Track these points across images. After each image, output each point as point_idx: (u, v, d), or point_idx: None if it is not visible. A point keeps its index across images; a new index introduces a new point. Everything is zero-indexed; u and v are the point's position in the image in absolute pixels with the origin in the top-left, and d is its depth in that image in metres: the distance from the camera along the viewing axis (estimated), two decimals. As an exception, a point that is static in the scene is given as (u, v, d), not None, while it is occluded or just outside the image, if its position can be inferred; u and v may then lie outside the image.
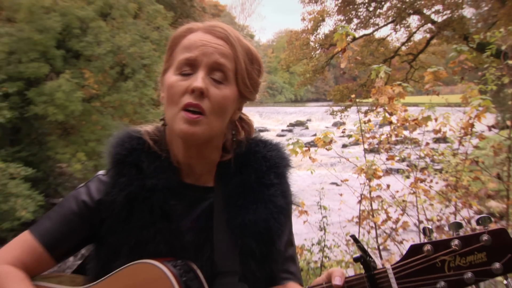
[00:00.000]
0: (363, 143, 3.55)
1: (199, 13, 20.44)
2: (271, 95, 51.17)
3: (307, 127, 27.34)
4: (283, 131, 25.41)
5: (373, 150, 3.62)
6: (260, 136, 1.11)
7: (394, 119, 3.39)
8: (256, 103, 1.12)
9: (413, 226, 3.38)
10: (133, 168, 0.97)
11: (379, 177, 3.30)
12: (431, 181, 3.41)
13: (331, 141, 3.41)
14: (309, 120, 30.36)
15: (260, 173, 1.02)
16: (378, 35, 17.49)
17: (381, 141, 3.51)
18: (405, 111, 3.30)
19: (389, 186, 3.45)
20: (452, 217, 3.17)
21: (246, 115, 1.11)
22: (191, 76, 0.94)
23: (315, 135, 4.86)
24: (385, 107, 3.30)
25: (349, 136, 4.04)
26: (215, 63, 0.94)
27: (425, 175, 3.42)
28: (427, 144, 3.54)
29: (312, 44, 17.10)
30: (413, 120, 3.23)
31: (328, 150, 3.46)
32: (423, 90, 3.49)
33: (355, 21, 16.28)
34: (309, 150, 3.44)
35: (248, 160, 1.04)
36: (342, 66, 3.41)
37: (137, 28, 11.64)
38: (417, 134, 3.47)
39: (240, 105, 1.05)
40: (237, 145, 1.06)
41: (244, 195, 0.99)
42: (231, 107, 0.98)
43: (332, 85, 33.50)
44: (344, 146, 9.85)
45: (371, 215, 3.43)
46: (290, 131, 25.30)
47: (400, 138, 3.52)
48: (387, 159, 3.50)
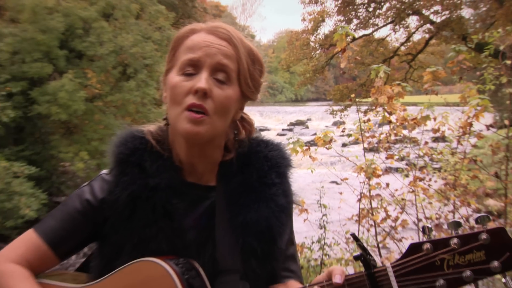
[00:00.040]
0: (362, 142, 3.56)
1: (201, 13, 20.45)
2: (271, 95, 51.03)
3: (307, 127, 27.26)
4: (283, 130, 25.32)
5: (372, 149, 3.63)
6: (261, 136, 1.12)
7: (393, 118, 3.39)
8: (257, 102, 1.12)
9: (412, 224, 3.39)
10: (136, 167, 0.97)
11: (379, 176, 3.31)
12: (430, 179, 3.42)
13: (331, 140, 3.41)
14: (309, 119, 30.27)
15: (261, 172, 1.02)
16: (377, 35, 17.55)
17: (380, 140, 3.52)
18: (404, 110, 3.30)
19: (388, 185, 3.46)
20: (451, 215, 3.17)
21: (247, 115, 1.11)
22: (194, 76, 0.94)
23: (315, 134, 4.87)
24: (385, 107, 3.31)
25: (349, 135, 4.05)
26: (218, 64, 0.95)
27: (424, 173, 3.43)
28: (426, 143, 3.55)
29: (312, 44, 17.12)
30: (412, 120, 3.24)
31: (328, 149, 3.46)
32: (422, 90, 3.50)
33: (355, 21, 16.31)
34: (309, 149, 3.45)
35: (250, 160, 1.04)
36: (342, 66, 3.43)
37: (139, 29, 11.64)
38: (416, 133, 3.49)
39: (242, 105, 1.05)
40: (239, 145, 1.06)
41: (246, 194, 1.00)
42: (233, 107, 0.99)
43: (332, 84, 33.52)
44: (344, 145, 9.79)
45: (371, 214, 3.44)
46: (290, 130, 25.19)
47: (399, 137, 3.53)
48: (386, 158, 3.51)
